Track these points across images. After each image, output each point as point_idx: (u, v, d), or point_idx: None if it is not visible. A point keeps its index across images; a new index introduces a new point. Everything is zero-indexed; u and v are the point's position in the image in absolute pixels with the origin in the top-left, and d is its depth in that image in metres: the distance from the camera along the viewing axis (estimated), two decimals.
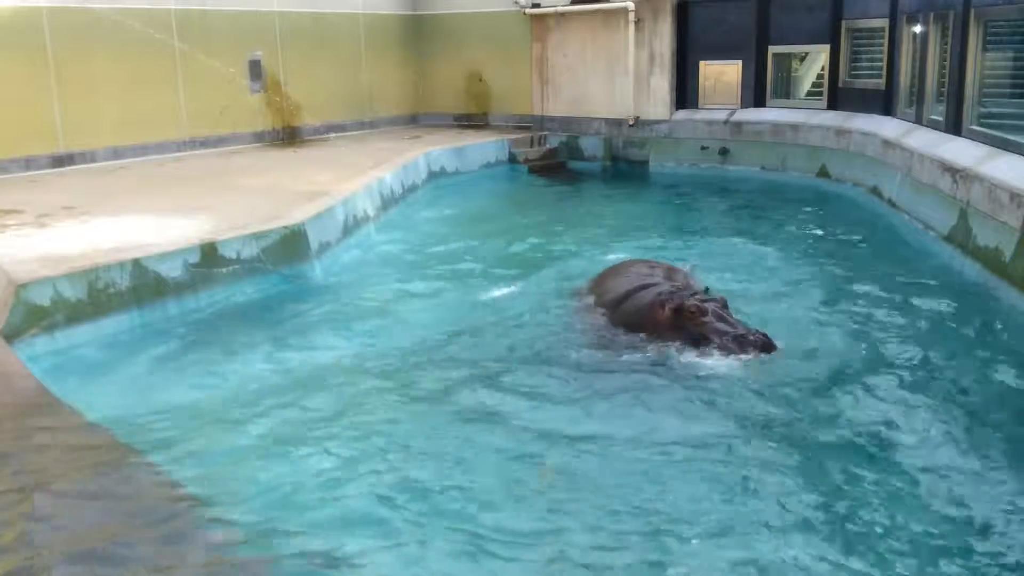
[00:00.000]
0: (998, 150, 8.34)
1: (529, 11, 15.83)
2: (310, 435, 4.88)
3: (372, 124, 16.48)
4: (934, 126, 10.26)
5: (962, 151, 8.83)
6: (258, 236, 7.63)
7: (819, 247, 9.42)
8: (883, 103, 12.22)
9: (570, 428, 4.92)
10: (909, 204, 9.90)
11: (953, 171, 8.61)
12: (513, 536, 3.88)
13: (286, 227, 7.88)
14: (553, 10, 15.57)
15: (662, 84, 14.82)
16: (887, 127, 11.50)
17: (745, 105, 14.29)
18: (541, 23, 15.89)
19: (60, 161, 11.75)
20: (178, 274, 6.96)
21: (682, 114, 14.83)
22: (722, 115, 14.35)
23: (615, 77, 15.21)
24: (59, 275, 6.28)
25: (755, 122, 13.94)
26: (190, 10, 13.09)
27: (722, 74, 14.49)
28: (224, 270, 7.31)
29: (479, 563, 3.71)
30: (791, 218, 10.91)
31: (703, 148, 14.38)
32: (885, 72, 12.31)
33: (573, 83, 15.76)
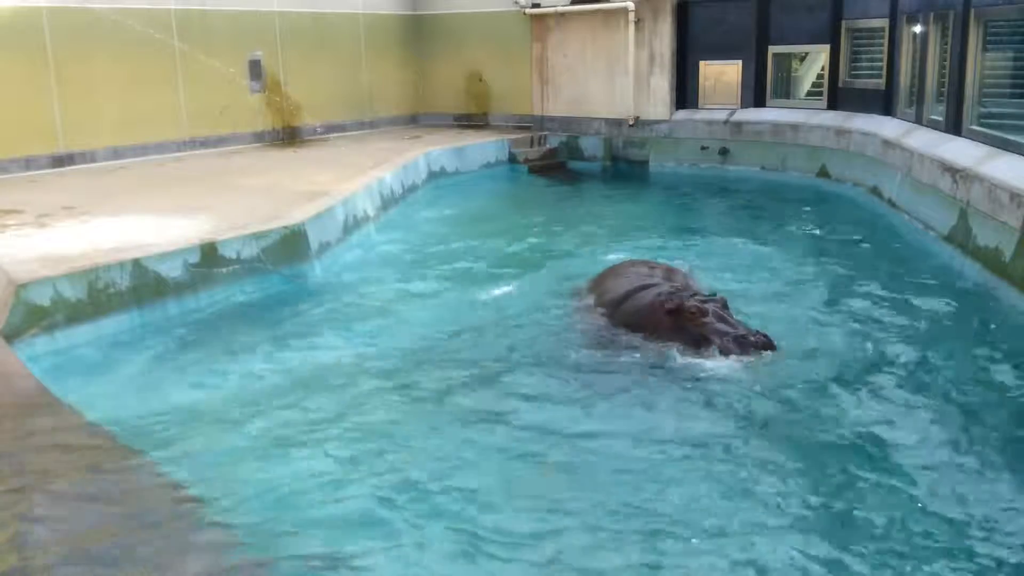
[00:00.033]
0: (998, 150, 8.34)
1: (529, 11, 15.83)
2: (310, 435, 4.89)
3: (372, 124, 16.48)
4: (934, 126, 10.27)
5: (962, 151, 8.83)
6: (258, 236, 7.63)
7: (819, 247, 9.43)
8: (883, 103, 12.22)
9: (570, 428, 4.93)
10: (909, 204, 9.90)
11: (953, 171, 8.61)
12: (512, 536, 3.88)
13: (286, 227, 7.89)
14: (553, 10, 15.57)
15: (662, 84, 14.82)
16: (887, 127, 11.50)
17: (745, 105, 14.29)
18: (541, 23, 15.89)
19: (60, 161, 11.75)
20: (178, 274, 6.97)
21: (682, 114, 14.83)
22: (722, 115, 14.35)
23: (615, 77, 15.21)
24: (59, 275, 6.29)
25: (755, 122, 13.94)
26: (190, 10, 13.09)
27: (722, 74, 14.49)
28: (224, 270, 7.31)
29: (479, 563, 3.71)
30: (791, 218, 10.91)
31: (703, 148, 14.38)
32: (885, 72, 12.31)
33: (573, 83, 15.76)
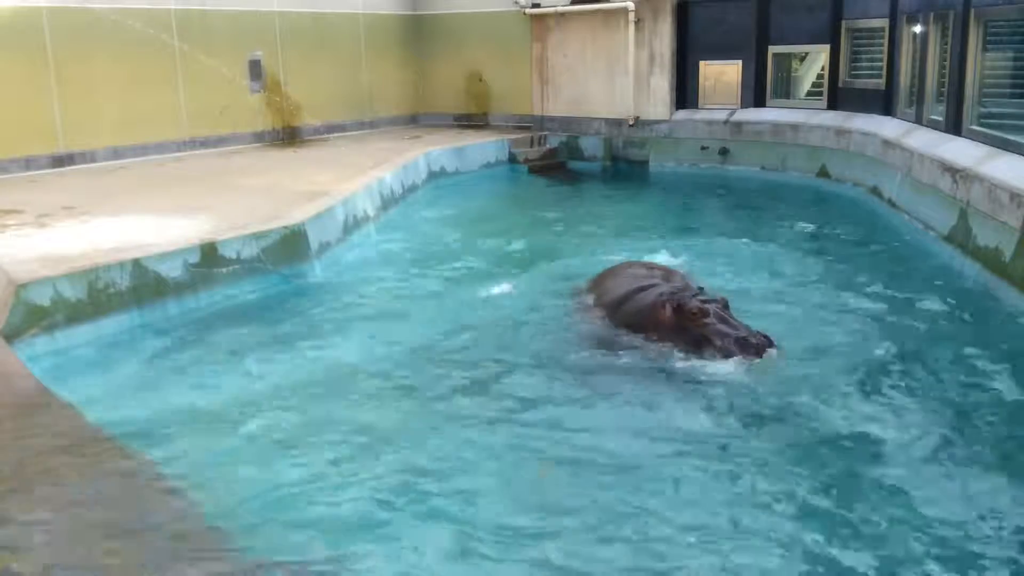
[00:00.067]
0: (998, 150, 8.34)
1: (529, 11, 15.83)
2: (310, 435, 4.89)
3: (372, 124, 16.48)
4: (934, 126, 10.26)
5: (962, 151, 8.83)
6: (258, 236, 7.63)
7: (819, 247, 9.43)
8: (883, 103, 12.22)
9: (570, 429, 4.93)
10: (909, 204, 9.90)
11: (953, 171, 8.61)
12: (512, 537, 3.88)
13: (286, 227, 7.89)
14: (553, 10, 15.57)
15: (662, 84, 14.82)
16: (887, 127, 11.50)
17: (745, 105, 14.29)
18: (541, 23, 15.89)
19: (60, 161, 11.75)
20: (178, 274, 6.97)
21: (682, 114, 14.83)
22: (722, 115, 14.35)
23: (615, 77, 15.21)
24: (59, 275, 6.28)
25: (755, 122, 13.94)
26: (190, 10, 13.09)
27: (722, 74, 14.49)
28: (224, 270, 7.31)
29: (478, 564, 3.71)
30: (791, 218, 10.90)
31: (703, 148, 14.38)
32: (885, 72, 12.31)
33: (573, 83, 15.76)
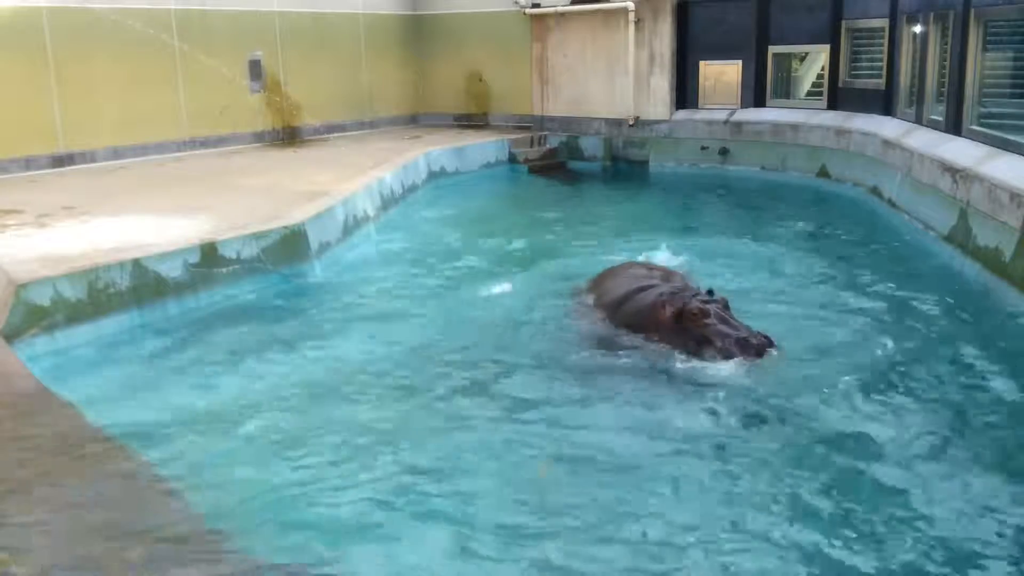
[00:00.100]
0: (998, 150, 8.34)
1: (529, 11, 15.83)
2: (310, 435, 4.88)
3: (372, 124, 16.48)
4: (934, 126, 10.26)
5: (962, 151, 8.83)
6: (258, 236, 7.63)
7: (819, 247, 9.42)
8: (883, 103, 12.22)
9: (570, 429, 4.92)
10: (909, 204, 9.90)
11: (953, 171, 8.61)
12: (512, 537, 3.88)
13: (286, 227, 7.88)
14: (553, 10, 15.57)
15: (662, 84, 14.82)
16: (887, 127, 11.50)
17: (745, 105, 14.29)
18: (541, 23, 15.89)
19: (60, 161, 11.75)
20: (178, 274, 6.97)
21: (682, 114, 14.83)
22: (722, 115, 14.35)
23: (615, 77, 15.21)
24: (59, 275, 6.28)
25: (755, 122, 13.94)
26: (190, 10, 13.09)
27: (722, 74, 14.49)
28: (224, 270, 7.31)
29: (478, 564, 3.71)
30: (791, 218, 10.91)
31: (703, 148, 14.38)
32: (885, 72, 12.31)
33: (573, 83, 15.76)
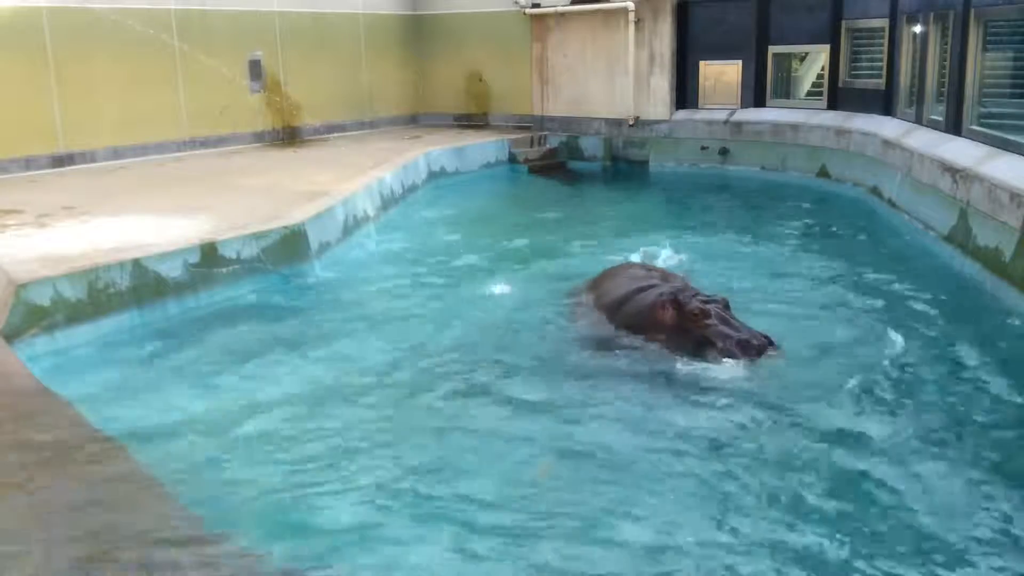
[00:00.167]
0: (998, 150, 8.33)
1: (529, 11, 15.83)
2: (309, 436, 4.88)
3: (372, 124, 16.48)
4: (934, 126, 10.26)
5: (962, 151, 8.83)
6: (258, 236, 7.63)
7: (819, 247, 9.42)
8: (883, 103, 12.22)
9: (570, 430, 4.92)
10: (909, 204, 9.90)
11: (953, 171, 8.61)
12: (512, 537, 3.88)
13: (286, 227, 7.89)
14: (553, 10, 15.57)
15: (662, 84, 14.82)
16: (887, 127, 11.50)
17: (745, 105, 14.30)
18: (541, 23, 15.89)
19: (60, 161, 11.75)
20: (178, 274, 6.97)
21: (682, 114, 14.83)
22: (722, 115, 14.35)
23: (615, 77, 15.21)
24: (59, 275, 6.28)
25: (755, 122, 13.94)
26: (190, 10, 13.09)
27: (722, 74, 14.49)
28: (224, 270, 7.31)
29: (478, 564, 3.71)
30: (791, 218, 10.91)
31: (703, 148, 14.38)
32: (885, 72, 12.31)
33: (573, 83, 15.76)
